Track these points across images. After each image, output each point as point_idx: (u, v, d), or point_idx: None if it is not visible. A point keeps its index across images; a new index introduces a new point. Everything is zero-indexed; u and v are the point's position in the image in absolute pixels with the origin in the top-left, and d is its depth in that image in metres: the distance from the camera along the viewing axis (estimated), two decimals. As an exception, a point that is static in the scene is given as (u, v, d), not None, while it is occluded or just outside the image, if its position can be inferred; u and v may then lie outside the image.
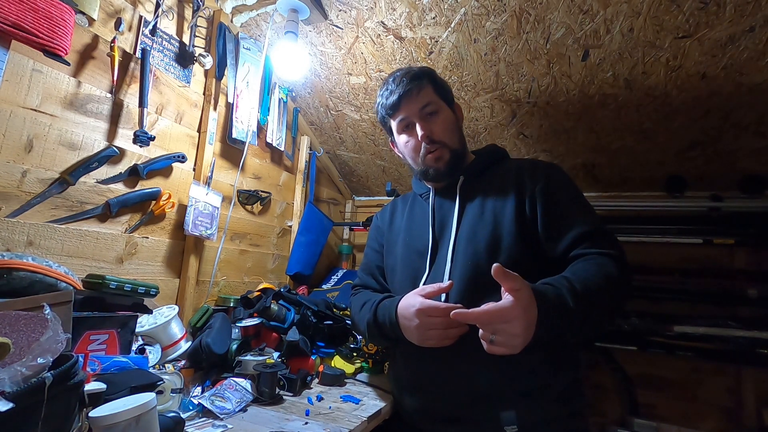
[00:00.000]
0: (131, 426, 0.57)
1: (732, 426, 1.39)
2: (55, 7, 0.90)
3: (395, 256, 1.04)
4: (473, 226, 0.91)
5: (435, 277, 0.91)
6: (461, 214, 0.95)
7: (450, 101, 1.03)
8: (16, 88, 0.91)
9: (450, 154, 0.97)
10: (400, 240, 1.05)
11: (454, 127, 1.00)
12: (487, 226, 0.89)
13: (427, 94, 0.97)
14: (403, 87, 0.96)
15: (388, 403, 0.97)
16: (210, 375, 0.98)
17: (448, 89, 1.04)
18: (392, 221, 1.13)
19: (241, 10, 1.44)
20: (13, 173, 0.91)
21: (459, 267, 0.88)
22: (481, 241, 0.88)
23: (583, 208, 0.89)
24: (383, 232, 1.13)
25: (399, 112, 0.98)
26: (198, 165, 1.34)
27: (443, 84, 1.03)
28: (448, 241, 0.93)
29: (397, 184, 2.07)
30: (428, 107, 0.97)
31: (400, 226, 1.08)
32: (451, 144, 0.98)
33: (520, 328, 0.65)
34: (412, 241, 1.01)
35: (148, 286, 0.98)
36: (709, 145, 1.37)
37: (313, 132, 1.94)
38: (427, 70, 1.01)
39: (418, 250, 0.98)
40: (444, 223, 0.97)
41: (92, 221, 1.05)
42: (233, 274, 1.51)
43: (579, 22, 1.16)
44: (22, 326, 0.58)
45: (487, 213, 0.91)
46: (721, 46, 1.10)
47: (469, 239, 0.90)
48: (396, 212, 1.14)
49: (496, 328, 0.67)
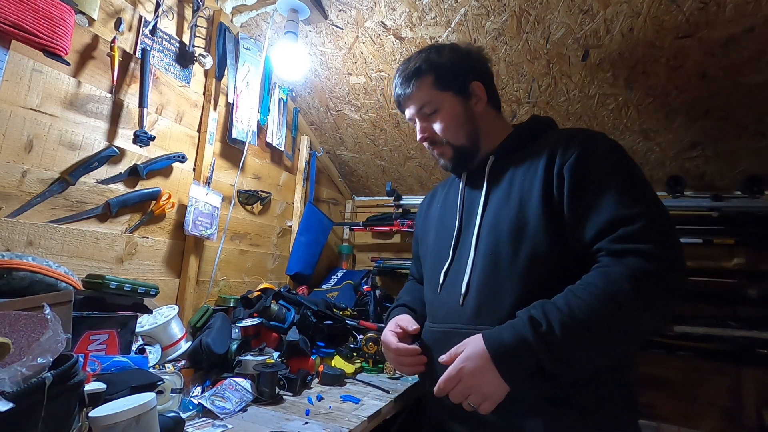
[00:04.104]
0: (131, 426, 0.57)
1: (732, 426, 1.39)
2: (55, 7, 0.90)
3: (427, 245, 0.99)
4: (497, 211, 0.81)
5: (457, 268, 0.84)
6: (487, 197, 0.85)
7: (461, 84, 0.88)
8: (16, 88, 0.91)
9: (453, 152, 0.90)
10: (433, 227, 0.99)
11: (459, 122, 0.89)
12: (512, 211, 0.78)
13: (424, 93, 0.89)
14: (400, 88, 0.91)
15: (388, 403, 0.97)
16: (210, 375, 0.98)
17: (456, 72, 0.89)
18: (429, 208, 1.06)
19: (241, 10, 1.44)
20: (13, 173, 0.91)
21: (482, 256, 0.80)
22: (503, 229, 0.77)
23: (623, 186, 0.69)
24: (420, 223, 1.09)
25: (403, 110, 0.95)
26: (198, 165, 1.34)
27: (450, 66, 0.89)
28: (473, 229, 0.84)
29: (397, 184, 2.07)
30: (426, 107, 0.89)
31: (435, 213, 1.01)
32: (454, 141, 0.89)
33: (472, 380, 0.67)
34: (442, 229, 0.94)
35: (148, 286, 0.97)
36: (709, 145, 1.37)
37: (313, 132, 1.94)
38: (426, 57, 0.89)
39: (446, 237, 0.91)
40: (471, 208, 0.88)
41: (92, 221, 1.05)
42: (233, 274, 1.51)
43: (579, 22, 1.16)
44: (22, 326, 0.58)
45: (514, 195, 0.79)
46: (721, 46, 1.10)
47: (492, 227, 0.80)
48: (435, 199, 1.07)
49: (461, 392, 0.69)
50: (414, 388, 1.10)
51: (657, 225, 0.65)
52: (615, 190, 0.69)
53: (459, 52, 0.90)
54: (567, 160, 0.74)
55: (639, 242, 0.64)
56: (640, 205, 0.67)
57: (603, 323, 0.63)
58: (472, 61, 0.91)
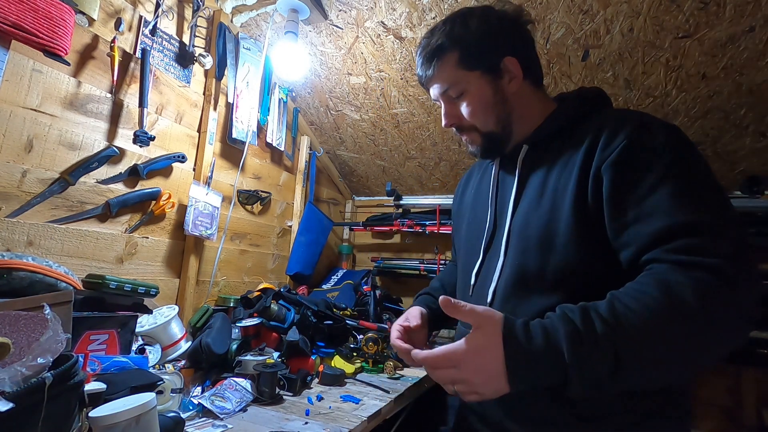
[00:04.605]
0: (131, 426, 0.57)
1: (732, 426, 1.39)
2: (55, 7, 0.90)
3: (460, 235, 0.91)
4: (527, 215, 0.71)
5: (486, 272, 0.77)
6: (519, 194, 0.75)
7: (489, 65, 0.75)
8: (16, 88, 0.91)
9: (482, 138, 0.80)
10: (467, 217, 0.90)
11: (488, 106, 0.77)
12: (542, 216, 0.67)
13: (448, 75, 0.77)
14: (422, 69, 0.80)
15: (388, 403, 0.97)
16: (210, 375, 0.98)
17: (486, 47, 0.75)
18: (464, 194, 0.96)
19: (241, 10, 1.44)
20: (13, 173, 0.91)
21: (510, 265, 0.71)
22: (532, 236, 0.68)
23: (684, 187, 0.56)
24: (455, 210, 1.01)
25: (429, 90, 0.83)
26: (198, 165, 1.34)
27: (478, 43, 0.75)
28: (504, 230, 0.75)
29: (397, 184, 2.07)
30: (451, 90, 0.77)
31: (469, 199, 0.92)
32: (483, 127, 0.78)
33: (468, 372, 0.53)
34: (475, 221, 0.85)
35: (148, 286, 0.97)
36: (709, 145, 1.37)
37: (313, 132, 1.94)
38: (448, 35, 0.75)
39: (478, 233, 0.82)
40: (503, 204, 0.78)
41: (92, 221, 1.05)
42: (233, 274, 1.51)
43: (579, 22, 1.16)
44: (22, 326, 0.58)
45: (546, 197, 0.69)
46: (721, 46, 1.10)
47: (521, 231, 0.71)
48: (470, 180, 0.96)
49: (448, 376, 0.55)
50: (414, 387, 1.10)
51: (729, 237, 0.52)
52: (673, 193, 0.55)
53: (489, 21, 0.75)
54: (608, 157, 0.61)
55: (706, 255, 0.50)
56: (707, 212, 0.54)
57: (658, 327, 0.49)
58: (506, 32, 0.76)
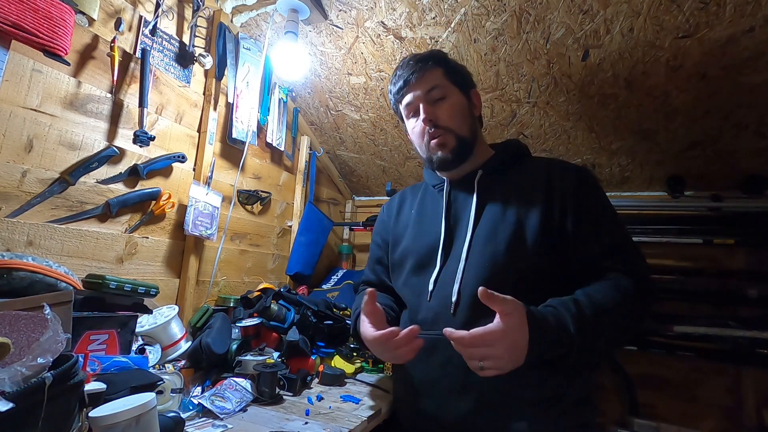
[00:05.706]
0: (131, 426, 0.57)
1: (732, 426, 1.39)
2: (55, 7, 0.90)
3: (403, 251, 0.98)
4: (494, 226, 0.85)
5: (446, 275, 0.86)
6: (480, 210, 0.89)
7: (465, 86, 0.95)
8: (16, 88, 0.91)
9: (456, 141, 0.90)
10: (408, 233, 0.98)
11: (464, 114, 0.92)
12: (510, 227, 0.83)
13: (435, 77, 0.90)
14: (408, 69, 0.91)
15: (388, 403, 0.97)
16: (210, 375, 0.98)
17: (463, 73, 0.96)
18: (399, 214, 1.06)
19: (241, 10, 1.44)
20: (13, 173, 0.91)
21: (474, 266, 0.83)
22: (501, 243, 0.82)
23: (614, 217, 0.85)
24: (389, 227, 1.07)
25: (405, 96, 0.92)
26: (198, 165, 1.34)
27: (457, 67, 0.95)
28: (464, 238, 0.87)
29: (397, 184, 2.07)
30: (435, 91, 0.90)
31: (409, 218, 1.01)
32: (458, 130, 0.90)
33: (503, 349, 0.64)
34: (422, 235, 0.94)
35: (148, 286, 0.97)
36: (709, 145, 1.37)
37: (313, 132, 1.94)
38: (437, 52, 0.95)
39: (429, 244, 0.92)
40: (459, 218, 0.91)
41: (92, 221, 1.05)
42: (233, 274, 1.51)
43: (579, 22, 1.16)
44: (22, 326, 0.58)
45: (510, 214, 0.85)
46: (721, 46, 1.10)
47: (489, 239, 0.84)
48: (404, 204, 1.07)
49: (481, 353, 0.65)
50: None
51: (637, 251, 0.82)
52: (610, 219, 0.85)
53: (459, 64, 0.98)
54: (568, 189, 0.85)
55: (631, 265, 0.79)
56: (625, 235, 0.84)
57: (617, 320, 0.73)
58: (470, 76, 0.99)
